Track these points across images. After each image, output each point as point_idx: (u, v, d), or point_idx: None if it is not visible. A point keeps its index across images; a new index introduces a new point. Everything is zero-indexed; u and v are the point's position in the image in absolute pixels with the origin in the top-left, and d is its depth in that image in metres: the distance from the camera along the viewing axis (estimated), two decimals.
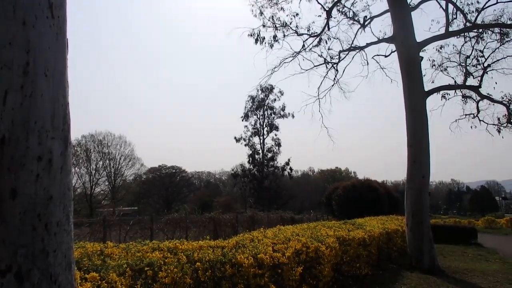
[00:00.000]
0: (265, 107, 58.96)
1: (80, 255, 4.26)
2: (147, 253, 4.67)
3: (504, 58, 14.61)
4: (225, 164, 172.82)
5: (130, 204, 62.86)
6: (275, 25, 16.10)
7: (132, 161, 63.20)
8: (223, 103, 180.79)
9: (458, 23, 15.18)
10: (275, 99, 59.39)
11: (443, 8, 14.36)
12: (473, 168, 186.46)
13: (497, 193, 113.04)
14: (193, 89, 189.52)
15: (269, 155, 58.44)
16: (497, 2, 14.21)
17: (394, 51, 14.27)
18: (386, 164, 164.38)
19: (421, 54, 13.71)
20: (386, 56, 15.47)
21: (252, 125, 58.90)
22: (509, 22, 14.36)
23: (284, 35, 15.94)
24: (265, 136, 58.72)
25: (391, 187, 55.00)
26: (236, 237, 6.97)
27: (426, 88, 13.28)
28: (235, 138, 58.50)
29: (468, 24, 14.67)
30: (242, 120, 59.08)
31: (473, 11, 14.88)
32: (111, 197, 58.04)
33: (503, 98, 14.22)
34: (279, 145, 58.63)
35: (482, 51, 15.11)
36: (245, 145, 58.43)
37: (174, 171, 77.83)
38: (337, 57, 15.90)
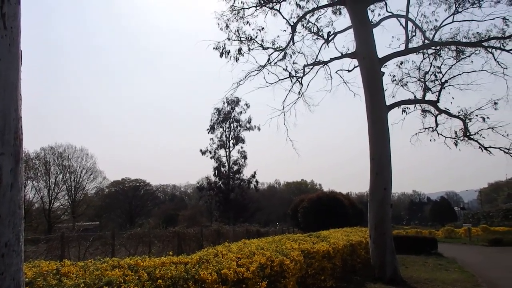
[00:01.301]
0: (231, 119, 58.98)
1: (34, 275, 4.05)
2: (106, 271, 4.50)
3: (460, 74, 15.26)
4: (190, 177, 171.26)
5: (92, 219, 61.02)
6: (240, 39, 16.21)
7: (94, 174, 61.50)
8: (190, 115, 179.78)
9: (417, 40, 15.76)
10: (241, 112, 59.56)
11: (403, 26, 14.89)
12: (433, 179, 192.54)
13: (456, 204, 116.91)
14: (158, 101, 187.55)
15: (235, 167, 58.34)
16: (453, 21, 14.89)
17: (357, 66, 14.63)
18: (351, 176, 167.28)
19: (382, 69, 14.11)
20: (349, 71, 15.84)
21: (218, 137, 58.74)
22: (464, 40, 15.02)
23: (250, 49, 16.06)
24: (231, 149, 58.64)
25: (356, 199, 55.96)
26: (200, 252, 6.85)
27: (388, 103, 13.66)
28: (201, 150, 58.10)
29: (426, 41, 15.25)
30: (208, 133, 58.85)
31: (431, 29, 15.50)
32: (71, 212, 56.10)
33: (459, 112, 14.79)
34: (245, 157, 58.67)
35: (439, 67, 15.73)
36: (211, 157, 58.11)
37: (138, 184, 76.37)
38: (302, 71, 16.17)
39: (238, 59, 16.12)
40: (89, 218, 60.27)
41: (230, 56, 16.13)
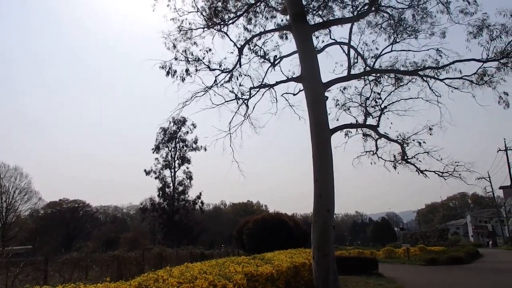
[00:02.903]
0: (177, 139, 58.20)
1: None
2: None
3: (398, 101, 16.07)
4: (133, 198, 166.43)
5: (24, 243, 57.14)
6: (188, 59, 16.11)
7: (29, 195, 58.08)
8: (134, 135, 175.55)
9: (359, 67, 16.42)
10: (187, 132, 59.02)
11: (345, 53, 15.47)
12: (375, 200, 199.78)
13: (396, 224, 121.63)
14: (101, 120, 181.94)
15: (180, 188, 57.38)
16: (391, 50, 15.76)
17: (302, 90, 14.90)
18: (297, 197, 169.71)
19: (326, 93, 14.50)
20: (294, 94, 16.12)
21: (163, 157, 57.71)
22: (402, 69, 15.88)
23: (197, 70, 15.97)
24: (176, 169, 57.73)
25: (301, 220, 56.68)
26: (140, 278, 6.53)
27: (331, 126, 13.97)
28: (145, 170, 56.75)
29: (367, 68, 15.95)
30: (153, 152, 57.66)
31: (372, 57, 16.26)
32: (0, 236, 52.25)
33: (398, 137, 15.46)
34: (190, 178, 57.90)
35: (379, 94, 16.47)
36: (156, 178, 56.86)
37: (76, 205, 72.93)
38: (248, 93, 16.25)
39: (185, 79, 15.96)
40: (21, 242, 56.45)
41: (177, 76, 15.95)
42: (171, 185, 57.09)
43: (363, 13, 15.96)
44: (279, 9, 16.99)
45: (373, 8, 15.92)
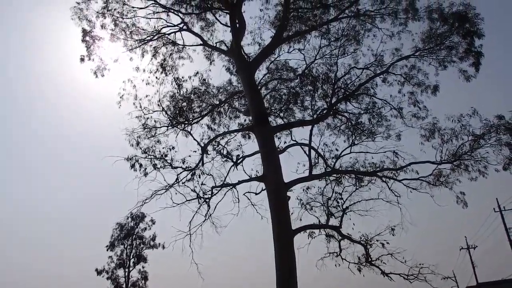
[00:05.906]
0: (134, 236, 55.59)
1: None
2: None
3: (359, 201, 16.11)
4: None
5: None
6: (155, 156, 16.07)
7: None
8: (86, 230, 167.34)
9: (320, 167, 16.70)
10: (145, 228, 56.46)
11: (306, 154, 15.79)
12: None
13: None
14: (49, 211, 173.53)
15: None
16: (350, 152, 16.27)
17: (264, 189, 14.77)
18: None
19: (289, 193, 14.43)
20: (256, 194, 15.88)
21: (117, 255, 54.36)
22: (362, 169, 16.28)
23: (162, 167, 15.86)
24: (131, 268, 54.06)
25: None
26: None
27: (294, 226, 13.66)
28: (96, 270, 52.89)
29: (328, 168, 16.22)
30: (107, 250, 54.27)
31: (332, 157, 16.64)
32: None
33: (361, 238, 15.21)
34: (145, 278, 54.10)
35: (341, 194, 16.51)
36: (107, 278, 52.81)
37: None
38: (210, 192, 16.00)
39: (147, 174, 15.73)
40: None
41: (140, 171, 15.72)
42: (124, 286, 53.22)
43: (322, 116, 16.67)
44: (242, 110, 17.58)
45: (331, 112, 16.69)
